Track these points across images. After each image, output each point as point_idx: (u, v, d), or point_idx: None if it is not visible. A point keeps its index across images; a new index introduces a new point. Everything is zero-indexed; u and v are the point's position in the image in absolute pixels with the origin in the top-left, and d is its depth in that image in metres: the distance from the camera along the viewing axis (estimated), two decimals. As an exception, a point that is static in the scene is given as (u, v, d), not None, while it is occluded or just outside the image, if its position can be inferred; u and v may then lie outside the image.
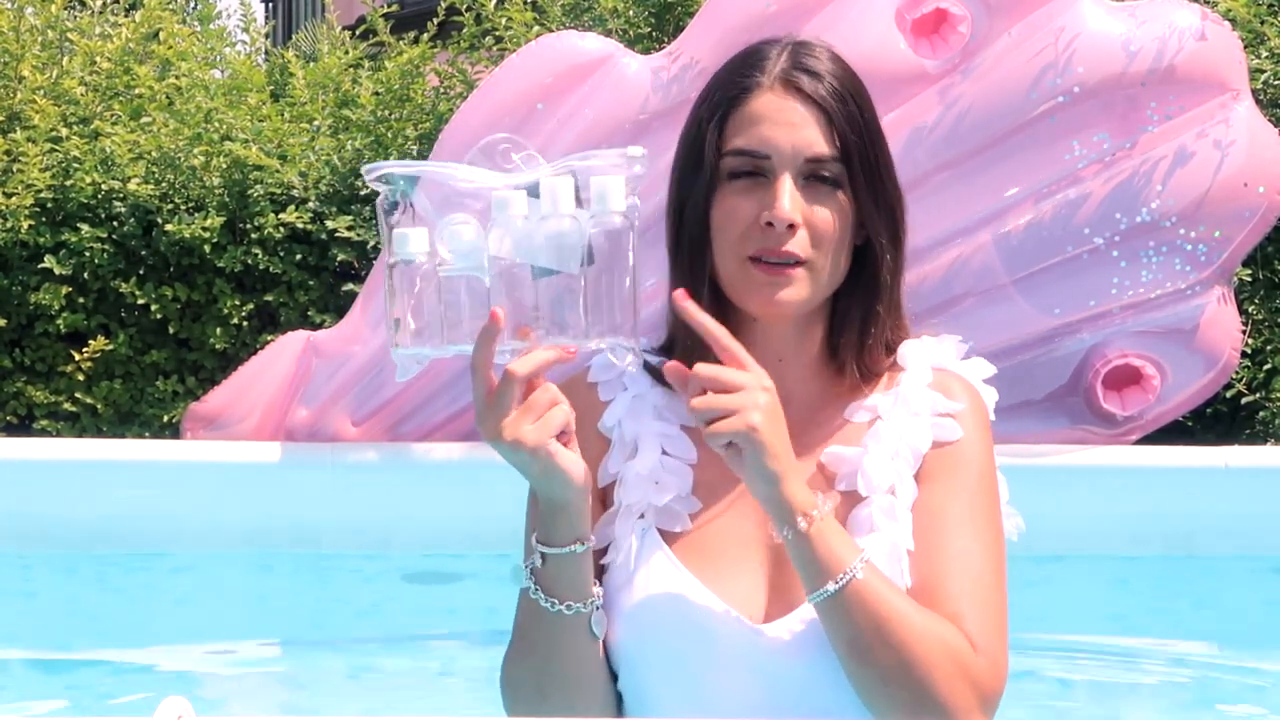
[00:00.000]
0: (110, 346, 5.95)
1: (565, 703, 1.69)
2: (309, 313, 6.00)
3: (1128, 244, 4.81)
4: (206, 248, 5.90)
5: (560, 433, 1.62)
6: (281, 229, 5.94)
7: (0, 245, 5.93)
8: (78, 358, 5.95)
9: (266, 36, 7.90)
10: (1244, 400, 5.56)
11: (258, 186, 5.97)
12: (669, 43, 5.32)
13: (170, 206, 5.97)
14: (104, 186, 5.96)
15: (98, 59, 6.46)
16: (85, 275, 5.95)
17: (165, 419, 5.92)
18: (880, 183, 1.74)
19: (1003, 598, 1.72)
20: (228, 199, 6.00)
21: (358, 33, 7.15)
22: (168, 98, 6.33)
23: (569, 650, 1.68)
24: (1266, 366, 5.61)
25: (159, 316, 5.98)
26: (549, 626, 1.67)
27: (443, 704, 4.06)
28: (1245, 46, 5.20)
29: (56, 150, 6.07)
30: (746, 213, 1.71)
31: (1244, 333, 5.08)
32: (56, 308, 5.91)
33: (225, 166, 6.02)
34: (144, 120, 6.25)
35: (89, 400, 5.96)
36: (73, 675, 4.30)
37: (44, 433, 5.94)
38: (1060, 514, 4.74)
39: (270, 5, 20.56)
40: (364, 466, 4.95)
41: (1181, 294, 4.84)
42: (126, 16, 7.09)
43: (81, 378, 5.97)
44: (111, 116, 6.30)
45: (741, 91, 1.74)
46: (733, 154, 1.72)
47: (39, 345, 6.03)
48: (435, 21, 6.54)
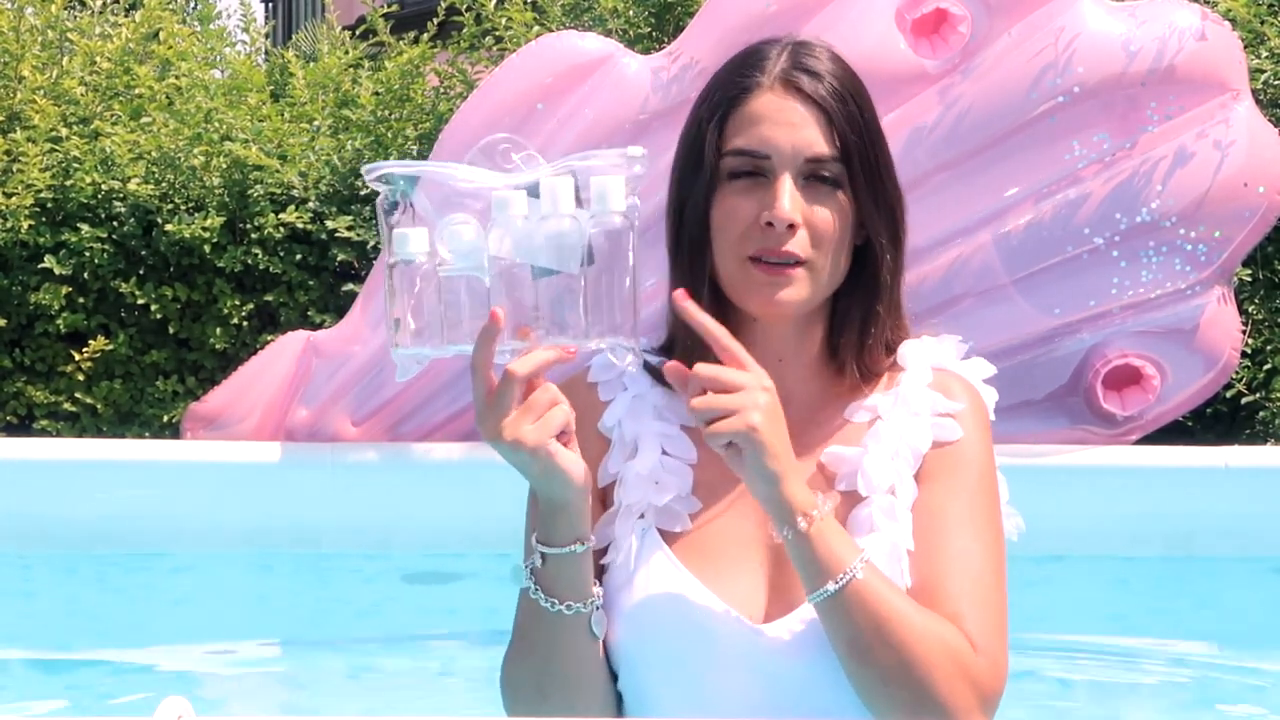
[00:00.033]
0: (110, 346, 5.94)
1: (565, 703, 1.69)
2: (309, 313, 6.00)
3: (1128, 244, 4.81)
4: (206, 248, 5.90)
5: (560, 433, 1.62)
6: (281, 229, 5.93)
7: (0, 245, 5.93)
8: (78, 358, 5.95)
9: (266, 36, 7.90)
10: (1244, 400, 5.56)
11: (258, 186, 5.97)
12: (669, 43, 5.31)
13: (170, 206, 5.97)
14: (104, 186, 5.95)
15: (98, 59, 6.46)
16: (85, 275, 5.95)
17: (165, 419, 5.92)
18: (880, 183, 1.74)
19: (1003, 598, 1.72)
20: (228, 199, 5.99)
21: (358, 33, 7.15)
22: (168, 98, 6.33)
23: (569, 650, 1.68)
24: (1266, 366, 5.61)
25: (159, 316, 5.97)
26: (549, 626, 1.67)
27: (443, 704, 4.06)
28: (1245, 46, 5.20)
29: (56, 150, 6.07)
30: (746, 212, 1.71)
31: (1244, 333, 5.08)
32: (56, 308, 5.91)
33: (225, 166, 6.02)
34: (144, 120, 6.25)
35: (89, 400, 5.96)
36: (73, 675, 4.29)
37: (44, 433, 5.93)
38: (1060, 514, 4.74)
39: (270, 5, 20.55)
40: (364, 466, 4.95)
41: (1181, 294, 4.84)
42: (126, 16, 7.08)
43: (81, 378, 5.96)
44: (111, 116, 6.29)
45: (741, 91, 1.74)
46: (733, 154, 1.72)
47: (39, 345, 6.03)
48: (435, 21, 6.53)
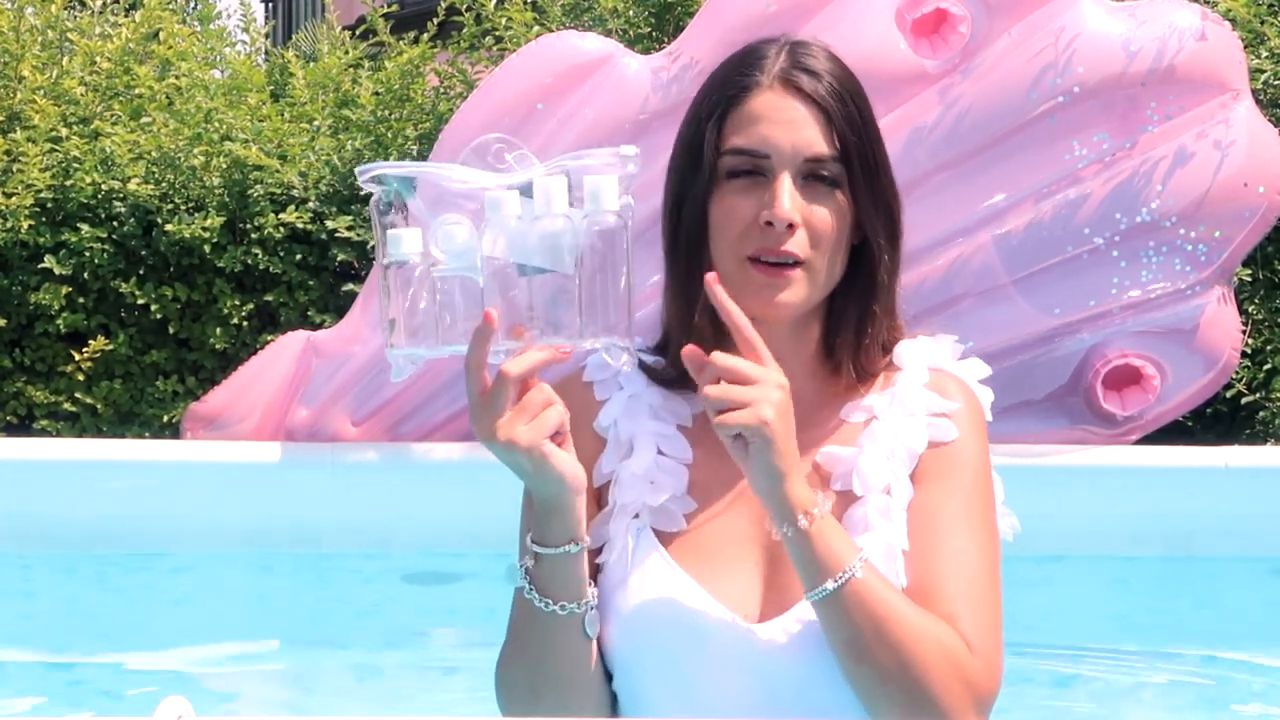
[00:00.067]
0: (110, 346, 5.94)
1: (559, 703, 1.69)
2: (309, 313, 6.00)
3: (1128, 244, 4.80)
4: (206, 248, 5.90)
5: (555, 433, 1.61)
6: (281, 229, 5.93)
7: (0, 245, 5.93)
8: (78, 358, 5.95)
9: (266, 36, 7.90)
10: (1244, 400, 5.56)
11: (258, 186, 5.97)
12: (669, 43, 5.31)
13: (170, 206, 5.97)
14: (104, 186, 5.95)
15: (98, 59, 6.46)
16: (85, 275, 5.95)
17: (165, 419, 5.92)
18: (878, 182, 1.74)
19: (998, 598, 1.72)
20: (228, 199, 5.99)
21: (358, 33, 7.15)
22: (168, 98, 6.33)
23: (562, 650, 1.68)
24: (1266, 366, 5.61)
25: (159, 316, 5.97)
26: (543, 626, 1.67)
27: (443, 704, 4.05)
28: (1245, 46, 5.19)
29: (56, 150, 6.07)
30: (745, 212, 1.71)
31: (1244, 333, 5.08)
32: (56, 308, 5.91)
33: (225, 166, 6.02)
34: (144, 120, 6.25)
35: (89, 400, 5.96)
36: (73, 675, 4.29)
37: (44, 433, 5.93)
38: (1060, 514, 4.75)
39: (270, 5, 20.56)
40: (364, 466, 4.95)
41: (1181, 294, 4.83)
42: (126, 16, 7.08)
43: (81, 378, 5.96)
44: (111, 116, 6.29)
45: (741, 90, 1.73)
46: (732, 153, 1.72)
47: (39, 345, 6.03)
48: (435, 21, 6.53)
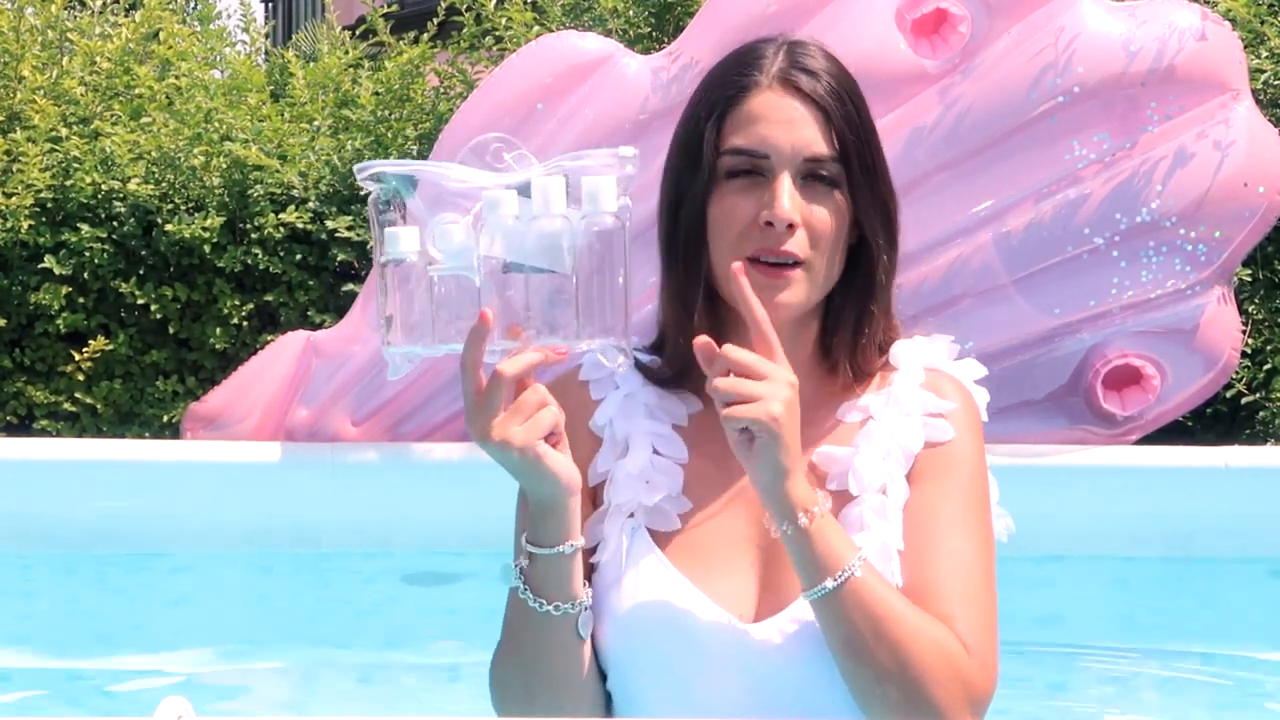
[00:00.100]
0: (110, 346, 5.94)
1: (553, 703, 1.69)
2: (309, 313, 6.00)
3: (1128, 244, 4.80)
4: (206, 248, 5.90)
5: (550, 434, 1.61)
6: (281, 229, 5.93)
7: (0, 245, 5.93)
8: (78, 358, 5.95)
9: (266, 36, 7.90)
10: (1244, 400, 5.55)
11: (258, 186, 5.97)
12: (669, 43, 5.31)
13: (170, 206, 5.97)
14: (104, 186, 5.95)
15: (98, 59, 6.46)
16: (85, 275, 5.95)
17: (165, 419, 5.92)
18: (876, 182, 1.74)
19: (993, 599, 1.71)
20: (228, 199, 5.99)
21: (358, 33, 7.15)
22: (168, 98, 6.33)
23: (556, 650, 1.68)
24: (1266, 366, 5.60)
25: (159, 316, 5.97)
26: (537, 626, 1.67)
27: (443, 704, 4.05)
28: (1245, 46, 5.19)
29: (56, 150, 6.07)
30: (745, 212, 1.70)
31: (1244, 333, 5.07)
32: (56, 308, 5.91)
33: (225, 166, 6.02)
34: (144, 120, 6.25)
35: (89, 400, 5.96)
36: (73, 675, 4.29)
37: (44, 433, 5.93)
38: (1060, 514, 4.75)
39: (270, 5, 20.57)
40: (364, 466, 4.94)
41: (1181, 294, 4.83)
42: (126, 16, 7.08)
43: (81, 378, 5.96)
44: (111, 116, 6.29)
45: (740, 90, 1.73)
46: (731, 153, 1.71)
47: (39, 345, 6.03)
48: (435, 21, 6.53)
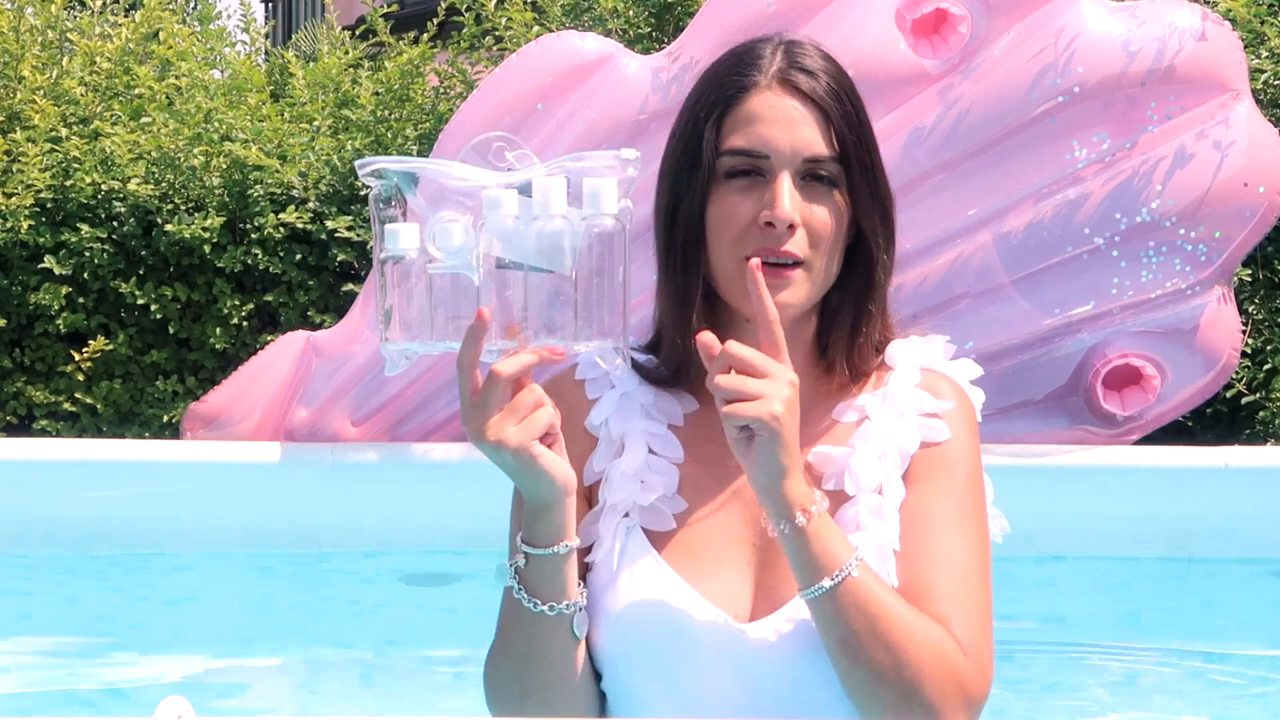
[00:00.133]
0: (110, 346, 5.95)
1: (547, 702, 1.69)
2: (309, 313, 6.00)
3: (1128, 244, 4.80)
4: (206, 248, 5.90)
5: (545, 434, 1.61)
6: (281, 229, 5.94)
7: (0, 245, 5.93)
8: (78, 358, 5.95)
9: (266, 36, 7.90)
10: (1244, 400, 5.55)
11: (258, 186, 5.97)
12: (669, 43, 5.32)
13: (170, 206, 5.97)
14: (104, 186, 5.96)
15: (98, 59, 6.46)
16: (85, 275, 5.95)
17: (165, 419, 5.92)
18: (875, 181, 1.74)
19: (988, 600, 1.71)
20: (228, 199, 5.99)
21: (358, 33, 7.15)
22: (168, 98, 6.33)
23: (550, 650, 1.68)
24: (1266, 366, 5.60)
25: (159, 316, 5.98)
26: (531, 626, 1.67)
27: (442, 704, 4.05)
28: (1245, 46, 5.20)
29: (56, 150, 6.07)
30: (745, 212, 1.70)
31: (1244, 333, 5.07)
32: (56, 308, 5.91)
33: (225, 166, 6.02)
34: (144, 120, 6.25)
35: (89, 400, 5.96)
36: (72, 675, 4.29)
37: (44, 433, 5.94)
38: (1060, 514, 4.75)
39: (270, 5, 20.58)
40: (364, 466, 4.94)
41: (1181, 294, 4.83)
42: (126, 16, 7.09)
43: (81, 378, 5.97)
44: (111, 116, 6.30)
45: (739, 91, 1.72)
46: (731, 153, 1.71)
47: (39, 345, 6.03)
48: (435, 21, 6.53)
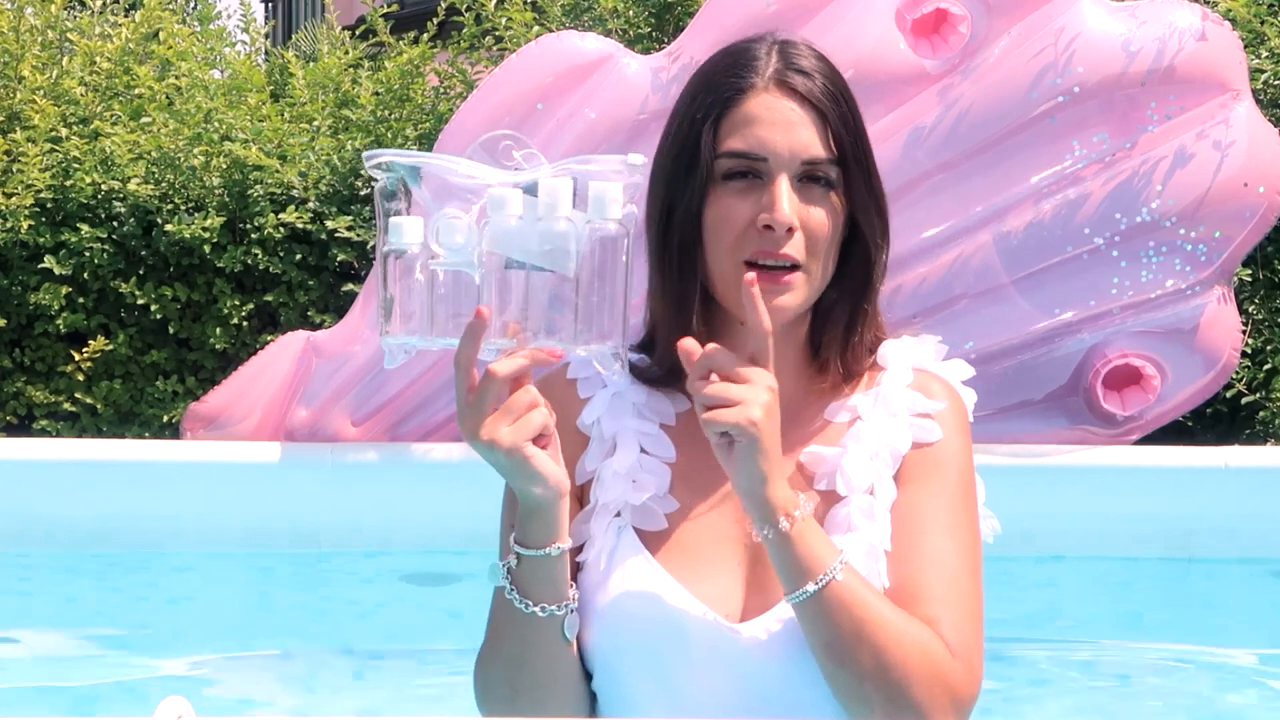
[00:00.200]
0: (110, 346, 5.95)
1: (537, 703, 1.68)
2: (309, 313, 6.00)
3: (1128, 244, 4.80)
4: (206, 248, 5.90)
5: (540, 435, 1.60)
6: (281, 229, 5.94)
7: (0, 245, 5.93)
8: (78, 358, 5.95)
9: (266, 36, 7.90)
10: (1244, 400, 5.56)
11: (258, 186, 5.97)
12: (669, 43, 5.32)
13: (170, 206, 5.97)
14: (104, 186, 5.96)
15: (98, 59, 6.46)
16: (85, 275, 5.95)
17: (165, 419, 5.92)
18: (871, 181, 1.73)
19: (979, 601, 1.71)
20: (228, 199, 6.00)
21: (358, 33, 7.16)
22: (168, 98, 6.33)
23: (542, 651, 1.67)
24: (1266, 366, 5.61)
25: (159, 316, 5.98)
26: (522, 627, 1.66)
27: (442, 704, 4.05)
28: (1245, 46, 5.20)
29: (56, 150, 6.07)
30: (743, 214, 1.69)
31: (1244, 333, 5.08)
32: (56, 308, 5.91)
33: (225, 166, 6.02)
34: (144, 120, 6.25)
35: (89, 400, 5.96)
36: (72, 675, 4.29)
37: (44, 433, 5.94)
38: (1060, 514, 4.75)
39: (270, 5, 20.58)
40: (364, 466, 4.95)
41: (1181, 294, 4.84)
42: (126, 16, 7.09)
43: (81, 378, 5.97)
44: (111, 116, 6.30)
45: (735, 93, 1.71)
46: (728, 155, 1.70)
47: (39, 345, 6.03)
48: (435, 21, 6.53)
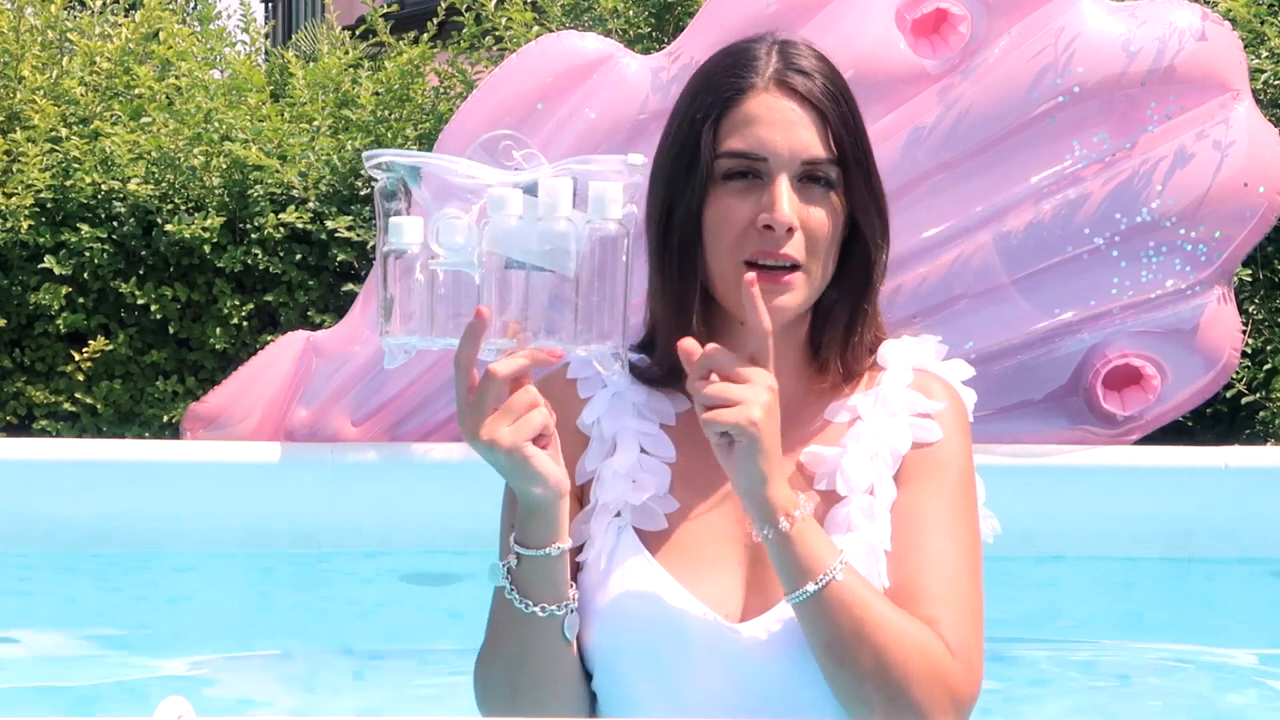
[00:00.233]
0: (110, 346, 5.95)
1: (537, 703, 1.68)
2: (309, 313, 6.00)
3: (1128, 244, 4.81)
4: (206, 248, 5.90)
5: (539, 436, 1.60)
6: (281, 229, 5.94)
7: (0, 245, 5.93)
8: (78, 358, 5.95)
9: (266, 36, 7.90)
10: (1244, 400, 5.56)
11: (258, 186, 5.97)
12: (669, 43, 5.32)
13: (170, 206, 5.97)
14: (104, 186, 5.96)
15: (98, 59, 6.46)
16: (85, 275, 5.95)
17: (165, 419, 5.92)
18: (871, 180, 1.73)
19: (979, 601, 1.71)
20: (228, 199, 6.00)
21: (358, 33, 7.16)
22: (168, 98, 6.33)
23: (542, 651, 1.67)
24: (1266, 366, 5.61)
25: (159, 316, 5.98)
26: (522, 627, 1.66)
27: (443, 704, 4.05)
28: (1245, 46, 5.20)
29: (56, 150, 6.07)
30: (743, 215, 1.69)
31: (1244, 333, 5.08)
32: (56, 308, 5.91)
33: (225, 166, 6.02)
34: (144, 120, 6.25)
35: (89, 400, 5.96)
36: (72, 675, 4.29)
37: (44, 433, 5.94)
38: (1060, 514, 4.75)
39: (270, 5, 20.58)
40: (364, 466, 4.95)
41: (1181, 294, 4.84)
42: (126, 16, 7.09)
43: (81, 378, 5.97)
44: (111, 116, 6.30)
45: (736, 93, 1.71)
46: (728, 156, 1.70)
47: (39, 345, 6.04)
48: (435, 21, 6.53)
